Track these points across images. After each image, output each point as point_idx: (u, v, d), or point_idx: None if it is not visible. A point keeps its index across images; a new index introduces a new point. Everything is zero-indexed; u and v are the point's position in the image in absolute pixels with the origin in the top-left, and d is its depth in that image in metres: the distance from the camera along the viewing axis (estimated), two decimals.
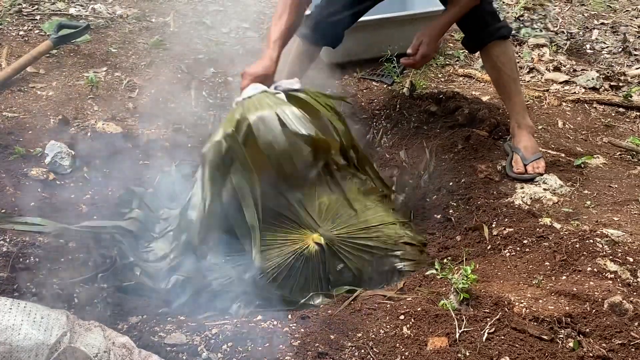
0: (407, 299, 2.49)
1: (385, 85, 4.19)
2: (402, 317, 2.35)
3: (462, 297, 2.38)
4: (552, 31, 5.05)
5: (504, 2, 5.38)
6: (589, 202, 3.07)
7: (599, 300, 2.37)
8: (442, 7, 3.35)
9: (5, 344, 1.74)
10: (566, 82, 4.36)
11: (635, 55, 4.76)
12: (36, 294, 2.31)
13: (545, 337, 2.21)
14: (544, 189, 3.12)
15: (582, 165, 3.36)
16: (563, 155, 3.47)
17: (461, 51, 4.53)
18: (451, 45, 4.68)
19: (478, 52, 3.51)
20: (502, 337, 2.21)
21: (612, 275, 2.53)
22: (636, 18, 5.35)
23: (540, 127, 3.76)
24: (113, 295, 2.46)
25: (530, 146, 3.31)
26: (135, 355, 1.87)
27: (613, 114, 4.07)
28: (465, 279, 2.39)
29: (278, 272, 2.69)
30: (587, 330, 2.26)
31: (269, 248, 2.77)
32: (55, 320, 1.83)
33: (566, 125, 3.87)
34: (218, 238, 2.72)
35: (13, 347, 1.74)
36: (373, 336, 2.26)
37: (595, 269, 2.55)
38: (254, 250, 2.64)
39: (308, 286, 2.71)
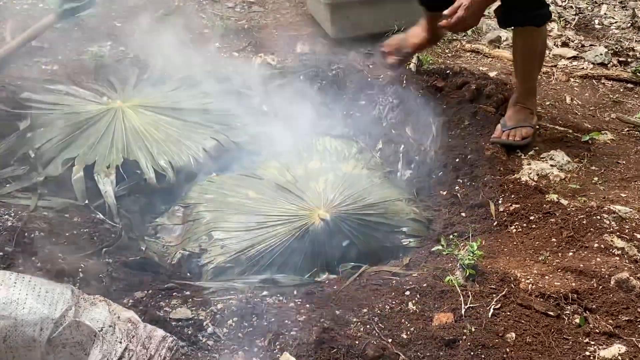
0: (413, 274, 2.48)
1: None
2: (407, 292, 2.35)
3: (468, 273, 2.37)
4: (560, 6, 5.01)
5: None
6: (596, 179, 3.06)
7: (606, 276, 2.36)
8: None
9: (10, 317, 1.74)
10: (574, 58, 4.32)
11: None
12: (41, 269, 2.30)
13: (551, 313, 2.21)
14: (551, 165, 3.10)
15: (590, 142, 3.34)
16: (570, 131, 3.44)
17: None
18: None
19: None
20: (508, 313, 2.21)
21: (619, 252, 2.51)
22: None
23: (548, 103, 3.73)
24: (118, 270, 2.45)
25: (512, 116, 3.28)
26: (141, 329, 1.86)
27: (621, 90, 4.04)
28: (471, 255, 2.39)
29: (284, 248, 2.68)
30: (594, 306, 2.25)
31: (275, 224, 2.76)
32: (60, 294, 1.83)
33: (574, 101, 3.84)
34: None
35: (18, 321, 1.74)
36: (378, 312, 2.25)
37: (602, 246, 2.54)
38: None
39: (314, 262, 2.71)
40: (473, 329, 2.15)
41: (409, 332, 2.16)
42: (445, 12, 2.92)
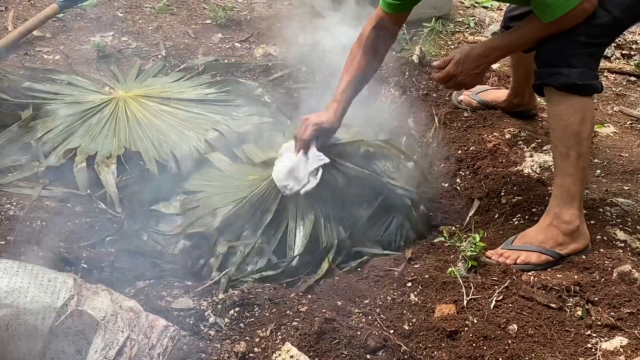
0: (415, 266, 2.48)
1: (394, 52, 4.14)
2: (409, 284, 2.35)
3: (470, 264, 2.37)
4: None
5: None
6: (599, 171, 3.05)
7: (608, 269, 2.36)
8: None
9: (12, 306, 1.74)
10: None
11: None
12: (43, 258, 2.30)
13: (553, 305, 2.21)
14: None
15: (593, 134, 3.33)
16: None
17: (471, 18, 4.48)
18: (461, 12, 4.63)
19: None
20: (510, 305, 2.21)
21: (622, 244, 2.52)
22: None
23: None
24: (120, 260, 2.46)
25: (530, 233, 2.55)
26: (143, 319, 1.86)
27: (624, 83, 4.03)
28: (474, 246, 2.38)
29: None
30: (596, 298, 2.25)
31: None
32: (62, 283, 1.83)
33: None
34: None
35: (20, 309, 1.74)
36: (380, 303, 2.25)
37: (605, 238, 2.55)
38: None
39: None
40: (475, 321, 2.15)
41: (410, 324, 2.16)
42: (435, 63, 2.61)
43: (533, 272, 2.38)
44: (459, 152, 3.24)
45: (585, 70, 2.38)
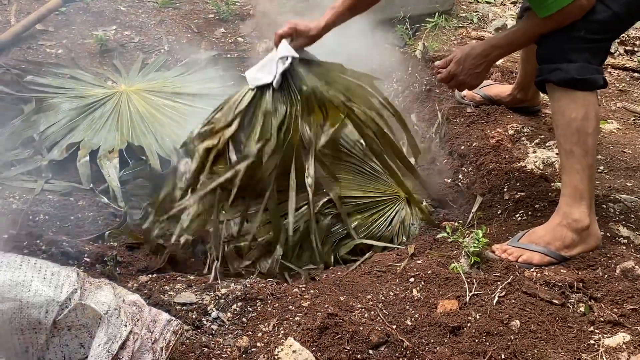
0: (417, 261, 2.47)
1: (397, 48, 4.14)
2: (412, 279, 2.34)
3: (473, 260, 2.37)
4: None
5: None
6: (602, 167, 3.05)
7: (611, 265, 2.36)
8: None
9: (15, 300, 1.74)
10: None
11: None
12: (46, 252, 2.31)
13: (556, 301, 2.20)
14: (557, 154, 3.09)
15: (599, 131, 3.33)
16: None
17: (474, 13, 4.47)
18: (464, 7, 4.62)
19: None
20: (513, 301, 2.20)
21: (625, 241, 2.51)
22: None
23: None
24: (123, 254, 2.46)
25: (538, 232, 2.50)
26: (146, 313, 1.86)
27: (627, 79, 4.02)
28: (477, 242, 2.38)
29: None
30: (599, 295, 2.25)
31: None
32: (65, 277, 1.83)
33: None
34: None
35: (23, 303, 1.73)
36: (383, 298, 2.25)
37: (607, 234, 2.54)
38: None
39: None
40: (478, 316, 2.14)
41: (413, 319, 2.16)
42: (437, 63, 2.64)
43: (536, 268, 2.38)
44: (462, 147, 3.24)
45: (585, 65, 2.33)
